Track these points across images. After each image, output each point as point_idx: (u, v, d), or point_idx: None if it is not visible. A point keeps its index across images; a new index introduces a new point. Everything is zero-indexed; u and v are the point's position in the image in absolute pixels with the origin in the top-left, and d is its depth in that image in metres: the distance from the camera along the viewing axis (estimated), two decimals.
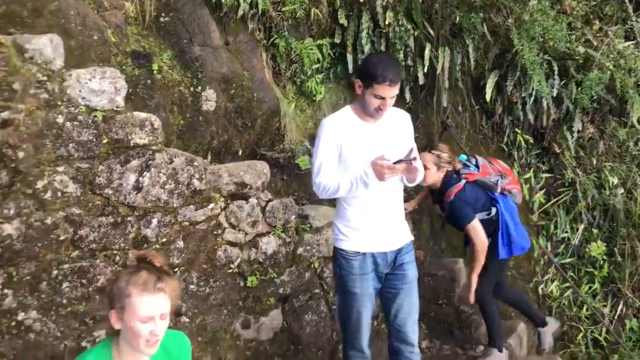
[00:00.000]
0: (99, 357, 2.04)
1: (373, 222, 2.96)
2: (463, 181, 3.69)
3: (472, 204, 3.66)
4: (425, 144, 4.99)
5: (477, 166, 3.84)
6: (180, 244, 3.39)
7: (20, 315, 2.97)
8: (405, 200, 3.37)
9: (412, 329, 3.03)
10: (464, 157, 3.91)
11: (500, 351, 3.95)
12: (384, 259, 2.98)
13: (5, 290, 2.94)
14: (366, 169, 2.80)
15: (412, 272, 3.05)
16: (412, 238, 3.12)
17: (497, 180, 3.83)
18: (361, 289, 2.97)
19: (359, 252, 2.97)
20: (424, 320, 4.48)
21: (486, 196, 3.79)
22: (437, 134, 4.98)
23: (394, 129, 2.99)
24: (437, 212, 4.13)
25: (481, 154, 5.02)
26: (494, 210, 3.80)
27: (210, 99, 4.07)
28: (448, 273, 4.49)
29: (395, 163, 2.74)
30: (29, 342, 2.98)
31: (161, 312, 2.00)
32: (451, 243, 5.00)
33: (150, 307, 1.97)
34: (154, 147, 3.27)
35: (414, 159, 2.78)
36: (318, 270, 3.96)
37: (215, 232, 3.52)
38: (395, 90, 2.82)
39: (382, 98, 2.80)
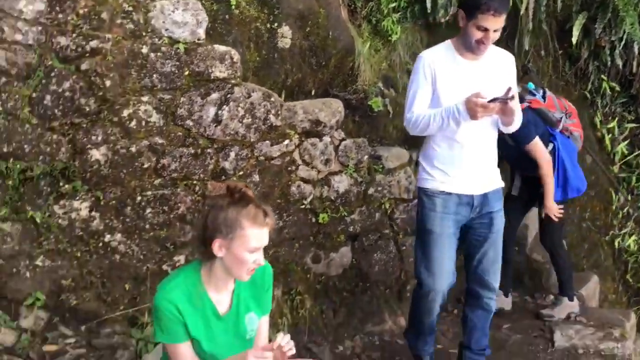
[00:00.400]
0: (188, 279, 2.14)
1: (461, 164, 2.88)
2: (525, 104, 3.50)
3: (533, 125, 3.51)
4: None
5: (543, 97, 3.67)
6: (256, 177, 3.46)
7: (107, 237, 3.15)
8: None
9: (494, 277, 3.02)
10: (531, 85, 3.72)
11: (571, 300, 3.89)
12: (469, 202, 2.91)
13: (93, 213, 3.11)
14: (459, 105, 2.68)
15: (499, 220, 2.99)
16: (502, 185, 3.06)
17: (561, 118, 3.67)
18: (441, 228, 2.92)
19: (443, 192, 2.91)
20: None
21: (545, 130, 3.63)
22: (517, 78, 4.79)
23: (495, 68, 2.85)
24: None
25: None
26: (550, 146, 3.65)
27: (285, 36, 4.05)
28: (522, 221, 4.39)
29: (490, 101, 2.62)
30: (114, 262, 3.17)
31: (265, 244, 2.10)
32: None
33: (260, 240, 2.06)
34: (232, 81, 3.31)
35: (511, 97, 2.63)
36: (388, 212, 3.96)
37: (289, 168, 3.57)
38: (500, 22, 2.67)
39: (485, 30, 2.66)
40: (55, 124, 3.00)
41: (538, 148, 3.53)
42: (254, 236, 2.04)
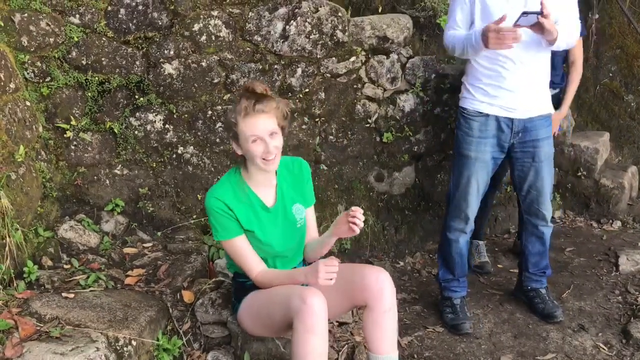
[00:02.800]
0: (231, 179, 2.29)
1: (503, 84, 2.75)
2: None
3: None
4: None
5: None
6: (322, 95, 3.48)
7: (180, 149, 3.27)
8: None
9: (545, 206, 2.93)
10: None
11: None
12: (509, 125, 2.79)
13: (167, 126, 3.23)
14: (477, 32, 2.59)
15: (546, 149, 2.85)
16: (551, 111, 2.91)
17: None
18: (476, 152, 2.83)
19: (481, 113, 2.81)
20: (559, 191, 4.38)
21: None
22: None
23: None
24: None
25: None
26: None
27: None
28: (591, 144, 4.27)
29: (520, 18, 2.45)
30: (187, 173, 3.30)
31: (268, 131, 2.16)
32: (596, 115, 4.71)
33: (255, 128, 2.14)
34: None
35: (543, 13, 2.43)
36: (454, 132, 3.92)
37: (355, 86, 3.56)
38: None
39: None
40: (129, 38, 3.08)
41: (580, 46, 3.35)
42: (247, 127, 2.14)
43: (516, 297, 3.19)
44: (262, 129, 2.15)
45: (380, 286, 2.18)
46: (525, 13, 2.46)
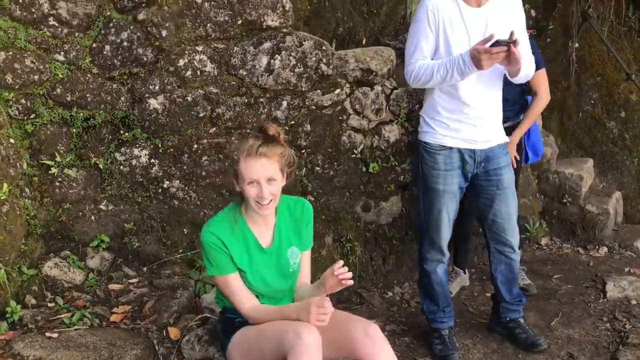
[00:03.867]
0: (229, 215, 2.28)
1: (464, 118, 2.75)
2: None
3: None
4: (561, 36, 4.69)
5: None
6: (308, 127, 3.50)
7: (166, 184, 3.27)
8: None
9: (511, 233, 2.92)
10: None
11: (465, 273, 3.79)
12: (471, 156, 2.80)
13: (153, 160, 3.23)
14: (464, 55, 2.55)
15: (507, 176, 2.87)
16: (508, 140, 2.94)
17: None
18: (444, 185, 2.82)
19: (445, 147, 2.80)
20: (545, 218, 4.41)
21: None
22: (575, 26, 4.63)
23: (500, 14, 2.70)
24: None
25: (624, 48, 4.64)
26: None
27: None
28: (576, 171, 4.32)
29: (492, 46, 2.46)
30: (173, 207, 3.30)
31: (267, 176, 2.13)
32: (580, 142, 4.78)
33: (253, 171, 2.12)
34: (284, 30, 3.32)
35: (514, 41, 2.44)
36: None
37: (340, 118, 3.59)
38: None
39: None
40: (114, 74, 3.10)
41: (544, 77, 3.33)
42: (247, 168, 2.13)
43: (493, 330, 3.16)
44: (261, 173, 2.12)
45: (371, 341, 2.12)
46: (497, 42, 2.47)
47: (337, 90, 3.53)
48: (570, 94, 4.76)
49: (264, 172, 2.13)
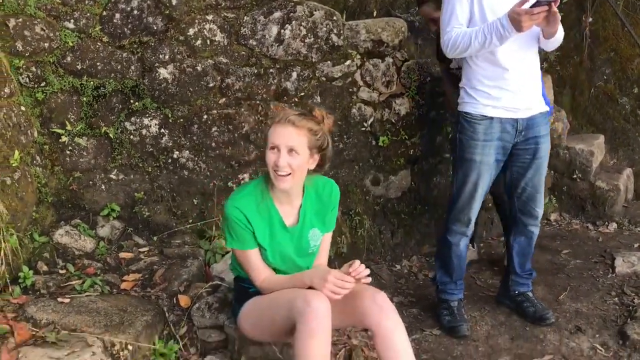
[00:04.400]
0: (256, 190, 2.25)
1: (504, 85, 2.73)
2: None
3: None
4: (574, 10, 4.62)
5: None
6: (318, 99, 3.48)
7: (176, 154, 3.27)
8: None
9: (539, 204, 2.94)
10: None
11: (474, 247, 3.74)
12: (513, 126, 2.78)
13: (163, 130, 3.22)
14: (502, 19, 2.52)
15: (545, 145, 2.86)
16: (548, 109, 2.91)
17: None
18: (482, 156, 2.79)
19: (485, 117, 2.77)
20: (554, 194, 4.40)
21: None
22: None
23: None
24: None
25: (639, 22, 4.58)
26: None
27: None
28: (586, 147, 4.29)
29: (533, 6, 2.43)
30: (182, 178, 3.30)
31: (287, 144, 2.10)
32: (591, 118, 4.74)
33: (276, 136, 2.11)
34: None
35: (555, 0, 2.42)
36: (450, 135, 3.93)
37: (350, 90, 3.57)
38: None
39: None
40: (124, 42, 3.08)
41: None
42: (272, 133, 2.12)
43: (501, 303, 3.18)
44: (283, 140, 2.10)
45: (378, 309, 2.13)
46: (538, 2, 2.45)
47: (348, 62, 3.50)
48: (583, 69, 4.70)
49: (287, 139, 2.10)
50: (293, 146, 2.11)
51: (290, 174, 2.13)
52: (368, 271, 2.09)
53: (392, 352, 2.11)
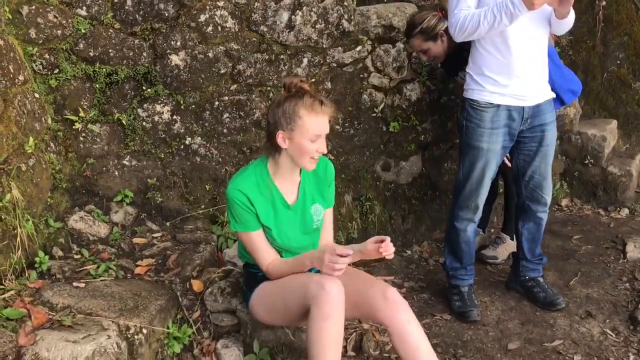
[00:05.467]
0: (257, 171, 2.29)
1: (512, 71, 2.69)
2: None
3: None
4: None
5: None
6: (328, 85, 3.48)
7: (188, 140, 3.29)
8: None
9: (547, 191, 2.94)
10: None
11: (512, 239, 3.58)
12: (520, 113, 2.75)
13: (175, 117, 3.24)
14: None
15: (552, 133, 2.85)
16: (554, 95, 2.88)
17: None
18: (488, 143, 2.78)
19: (492, 104, 2.74)
20: (566, 179, 4.38)
21: None
22: None
23: None
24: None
25: None
26: None
27: None
28: (599, 132, 4.26)
29: None
30: (195, 164, 3.32)
31: (327, 131, 2.19)
32: (604, 103, 4.70)
33: (319, 127, 2.17)
34: None
35: None
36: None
37: (361, 76, 3.57)
38: None
39: None
40: (136, 29, 3.09)
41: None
42: (312, 124, 2.15)
43: (511, 289, 3.19)
44: (324, 128, 2.19)
45: (389, 304, 2.15)
46: None
47: (359, 47, 3.50)
48: (596, 53, 4.66)
49: (327, 127, 2.19)
50: (327, 132, 2.21)
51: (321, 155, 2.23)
52: (393, 250, 2.12)
53: (407, 345, 2.14)
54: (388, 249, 2.10)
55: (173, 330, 2.49)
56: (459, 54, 3.04)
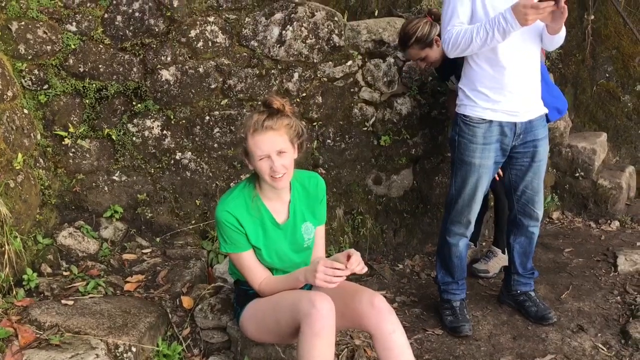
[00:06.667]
0: (245, 192, 2.26)
1: (505, 87, 2.67)
2: None
3: None
4: (576, 7, 4.61)
5: None
6: (319, 99, 3.49)
7: (178, 155, 3.28)
8: None
9: (539, 206, 2.94)
10: None
11: (504, 253, 3.56)
12: (512, 129, 2.75)
13: (165, 132, 3.24)
14: (506, 13, 2.47)
15: (543, 148, 2.84)
16: (546, 111, 2.88)
17: None
18: (480, 159, 2.76)
19: (484, 120, 2.72)
20: (556, 192, 4.40)
21: None
22: None
23: None
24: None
25: None
26: None
27: None
28: (589, 145, 4.28)
29: (540, 0, 2.38)
30: (185, 179, 3.31)
31: (275, 149, 2.10)
32: (593, 116, 4.73)
33: (262, 145, 2.10)
34: (296, 0, 3.29)
35: None
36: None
37: (352, 90, 3.58)
38: None
39: None
40: (126, 44, 3.09)
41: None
42: (255, 144, 2.10)
43: (503, 303, 3.18)
44: (269, 147, 2.10)
45: (376, 312, 2.14)
46: None
47: (349, 62, 3.51)
48: (585, 67, 4.70)
49: (273, 145, 2.10)
50: (280, 148, 2.12)
51: (285, 173, 2.15)
52: (362, 265, 2.07)
53: (390, 352, 2.13)
54: (352, 265, 2.06)
55: (163, 347, 2.47)
56: (451, 59, 3.03)
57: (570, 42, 4.59)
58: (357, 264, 2.07)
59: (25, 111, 2.93)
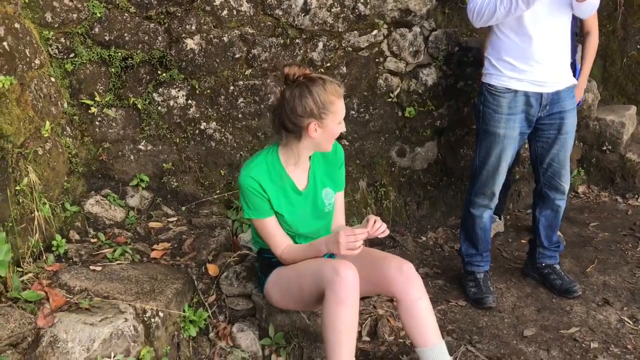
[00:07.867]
0: (268, 159, 2.28)
1: (531, 56, 2.65)
2: None
3: None
4: None
5: None
6: (344, 69, 3.45)
7: (203, 125, 3.29)
8: None
9: (565, 179, 2.91)
10: None
11: (500, 220, 3.73)
12: (538, 100, 2.71)
13: (190, 101, 3.24)
14: None
15: (571, 120, 2.79)
16: (575, 82, 2.83)
17: None
18: (505, 129, 2.75)
19: (510, 89, 2.72)
20: (583, 166, 4.33)
21: None
22: None
23: None
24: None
25: None
26: None
27: None
28: (617, 118, 4.20)
29: None
30: (210, 149, 3.32)
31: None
32: (623, 88, 4.63)
33: (342, 110, 2.20)
34: None
35: None
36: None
37: (377, 60, 3.53)
38: None
39: None
40: (151, 13, 3.07)
41: (596, 15, 3.12)
42: (340, 107, 2.18)
43: (527, 275, 3.17)
44: (344, 112, 2.22)
45: (404, 277, 2.18)
46: None
47: (375, 32, 3.46)
48: (616, 38, 4.58)
49: (344, 110, 2.24)
50: None
51: None
52: (385, 226, 2.13)
53: (415, 319, 2.17)
54: (376, 228, 2.12)
55: (189, 313, 2.51)
56: None
57: (600, 12, 4.45)
58: (379, 225, 2.12)
59: (53, 79, 2.95)
